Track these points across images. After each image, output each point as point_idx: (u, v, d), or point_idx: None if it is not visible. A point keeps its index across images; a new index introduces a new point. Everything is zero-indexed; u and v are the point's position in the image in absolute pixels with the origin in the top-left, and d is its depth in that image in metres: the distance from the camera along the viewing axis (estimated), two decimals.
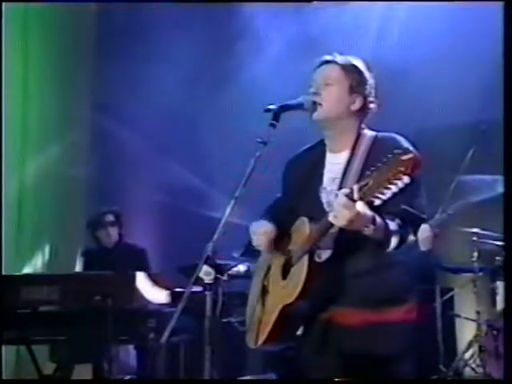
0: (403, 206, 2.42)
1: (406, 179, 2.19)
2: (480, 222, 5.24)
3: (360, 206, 2.33)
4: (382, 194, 2.24)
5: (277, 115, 2.63)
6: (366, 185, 2.29)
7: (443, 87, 6.11)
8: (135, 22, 6.79)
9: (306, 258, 2.56)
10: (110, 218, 5.57)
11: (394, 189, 2.21)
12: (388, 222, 2.48)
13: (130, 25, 6.81)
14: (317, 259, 2.55)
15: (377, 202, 2.28)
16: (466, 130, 5.60)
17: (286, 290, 2.64)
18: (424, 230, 4.48)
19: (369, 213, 2.38)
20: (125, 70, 6.48)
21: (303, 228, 2.64)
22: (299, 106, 2.71)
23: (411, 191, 2.30)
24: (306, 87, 2.77)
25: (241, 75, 6.70)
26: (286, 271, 2.71)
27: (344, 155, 2.71)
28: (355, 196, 2.32)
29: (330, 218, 2.40)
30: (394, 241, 2.50)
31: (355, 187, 2.33)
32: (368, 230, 2.43)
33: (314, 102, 2.69)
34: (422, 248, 4.59)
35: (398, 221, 2.50)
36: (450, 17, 6.20)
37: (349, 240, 2.50)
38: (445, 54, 6.14)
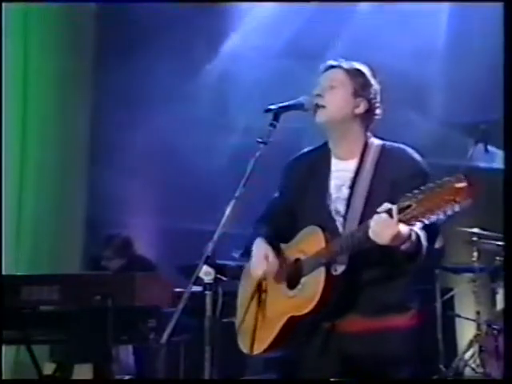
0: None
1: (457, 208, 2.12)
2: (480, 222, 5.24)
3: (401, 225, 2.29)
4: (427, 218, 2.18)
5: (277, 115, 2.63)
6: (408, 207, 2.23)
7: (443, 87, 6.12)
8: (135, 22, 6.79)
9: (322, 271, 2.52)
10: (119, 263, 5.61)
11: (441, 216, 2.15)
12: (420, 235, 2.43)
13: (130, 25, 6.81)
14: (333, 272, 2.53)
15: (418, 225, 2.24)
16: (466, 130, 5.61)
17: (295, 301, 2.60)
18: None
19: (407, 230, 2.34)
20: (124, 70, 6.48)
21: (317, 238, 2.59)
22: (299, 106, 2.70)
23: None
24: (307, 91, 2.76)
25: (242, 75, 6.70)
26: (293, 280, 2.65)
27: (352, 163, 2.69)
28: (394, 217, 2.27)
29: (371, 235, 2.35)
30: (423, 254, 2.47)
31: (394, 208, 2.27)
32: (404, 246, 2.40)
33: (317, 105, 2.69)
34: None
35: (424, 233, 2.45)
36: (450, 17, 6.22)
37: (364, 253, 2.49)
38: (445, 54, 6.15)
